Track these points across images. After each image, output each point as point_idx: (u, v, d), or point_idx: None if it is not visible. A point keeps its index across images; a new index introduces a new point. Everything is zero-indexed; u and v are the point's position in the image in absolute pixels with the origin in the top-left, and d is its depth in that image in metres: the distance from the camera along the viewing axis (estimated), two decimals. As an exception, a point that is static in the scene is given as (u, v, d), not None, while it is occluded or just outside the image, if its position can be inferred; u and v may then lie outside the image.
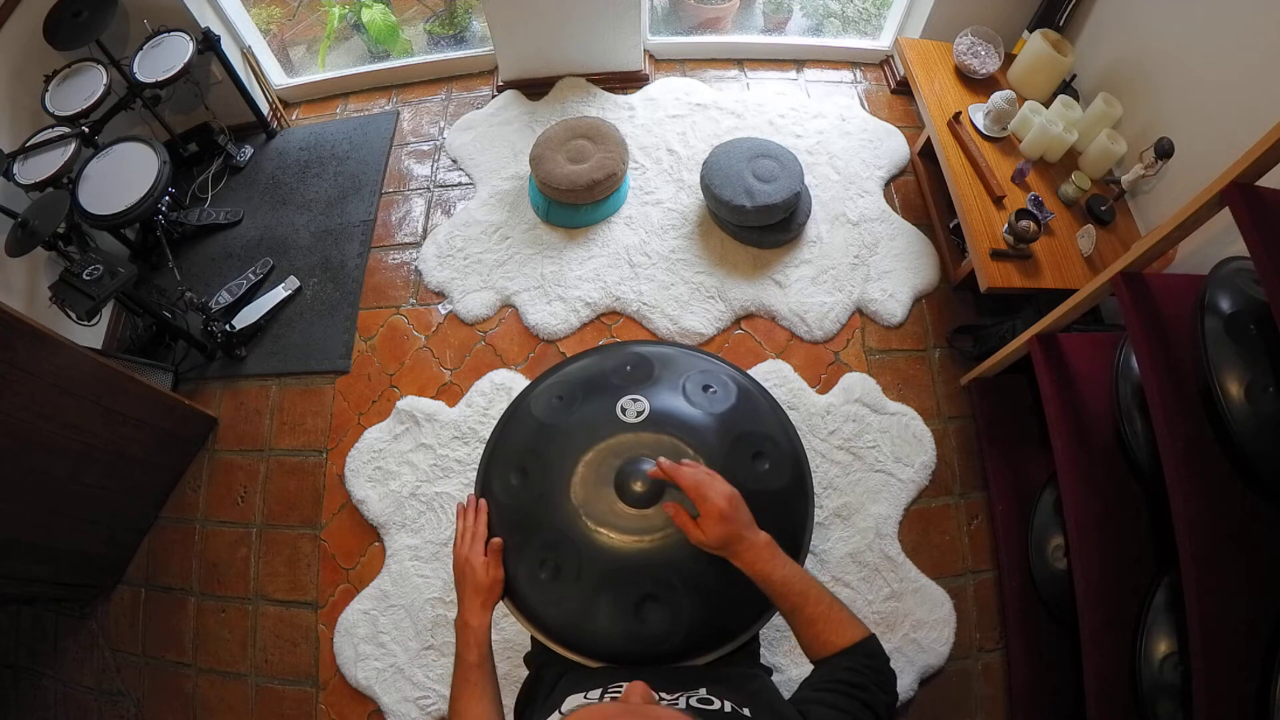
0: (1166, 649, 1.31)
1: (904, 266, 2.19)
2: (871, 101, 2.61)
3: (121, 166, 1.95)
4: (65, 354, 1.59)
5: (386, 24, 2.81)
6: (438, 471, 1.92)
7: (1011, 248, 1.81)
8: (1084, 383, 1.59)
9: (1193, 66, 1.76)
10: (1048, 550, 1.66)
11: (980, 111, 2.07)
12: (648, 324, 2.12)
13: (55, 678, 1.85)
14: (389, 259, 2.34)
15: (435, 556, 1.82)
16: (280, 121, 2.69)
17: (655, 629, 0.86)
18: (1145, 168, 1.79)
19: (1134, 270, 1.36)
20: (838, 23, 2.94)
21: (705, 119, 2.51)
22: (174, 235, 2.36)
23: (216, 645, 1.83)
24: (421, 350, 2.16)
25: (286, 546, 1.92)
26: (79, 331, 1.93)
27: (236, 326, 2.14)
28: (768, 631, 1.65)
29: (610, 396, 0.98)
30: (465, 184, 2.47)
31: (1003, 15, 2.28)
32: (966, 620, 1.75)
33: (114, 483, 1.83)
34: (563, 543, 0.89)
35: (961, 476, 1.92)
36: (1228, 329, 1.18)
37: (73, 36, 1.97)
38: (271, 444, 2.06)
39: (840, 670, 0.76)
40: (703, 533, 0.83)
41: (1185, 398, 1.24)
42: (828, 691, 0.73)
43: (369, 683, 1.71)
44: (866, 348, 2.09)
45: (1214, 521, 1.18)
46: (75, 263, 1.80)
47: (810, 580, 0.83)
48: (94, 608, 1.90)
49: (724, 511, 0.82)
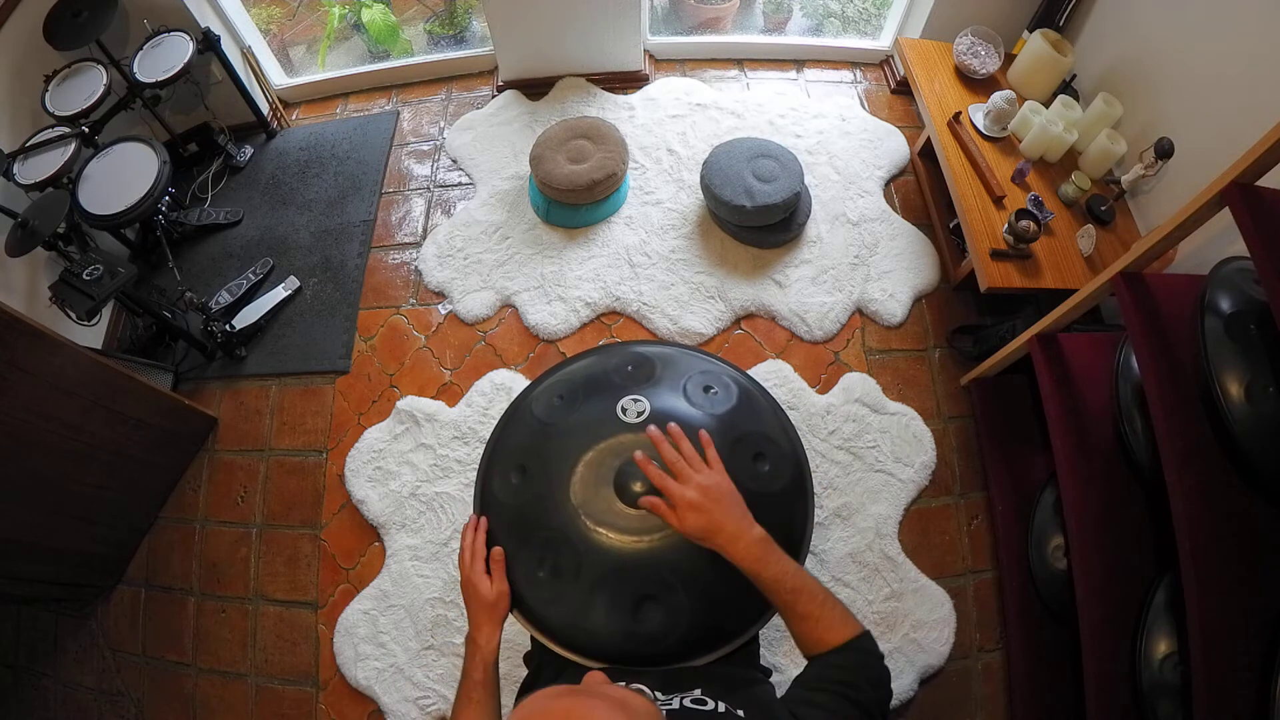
0: (1166, 649, 1.31)
1: (904, 266, 2.19)
2: (871, 101, 2.61)
3: (121, 166, 1.95)
4: (65, 354, 1.59)
5: (386, 24, 2.81)
6: (438, 471, 1.92)
7: (1011, 248, 1.81)
8: (1084, 383, 1.59)
9: (1193, 66, 1.76)
10: (1048, 550, 1.66)
11: (980, 111, 2.07)
12: (648, 324, 2.12)
13: (55, 678, 1.85)
14: (389, 259, 2.34)
15: (435, 556, 1.82)
16: (280, 121, 2.69)
17: (653, 629, 0.86)
18: (1145, 168, 1.79)
19: (1134, 270, 1.36)
20: (838, 23, 2.94)
21: (705, 119, 2.51)
22: (174, 235, 2.36)
23: (216, 645, 1.83)
24: (421, 350, 2.16)
25: (286, 546, 1.92)
26: (79, 331, 1.93)
27: (236, 326, 2.14)
28: (767, 632, 1.65)
29: (611, 396, 0.98)
30: (465, 184, 2.47)
31: (1003, 15, 2.28)
32: (966, 620, 1.75)
33: (114, 483, 1.83)
34: (562, 542, 0.89)
35: (961, 476, 1.92)
36: (1228, 329, 1.18)
37: (73, 36, 1.97)
38: (271, 444, 2.06)
39: (831, 669, 0.76)
40: (679, 522, 0.83)
41: (1185, 398, 1.24)
42: (818, 691, 0.73)
43: (369, 683, 1.71)
44: (866, 348, 2.09)
45: (1214, 521, 1.18)
46: (75, 263, 1.80)
47: (805, 576, 0.83)
48: (94, 608, 1.90)
49: (693, 501, 0.82)
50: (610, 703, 0.56)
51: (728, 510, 0.83)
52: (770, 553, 0.83)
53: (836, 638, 0.79)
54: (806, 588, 0.82)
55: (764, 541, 0.83)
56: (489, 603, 0.91)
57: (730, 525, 0.82)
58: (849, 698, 0.71)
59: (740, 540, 0.82)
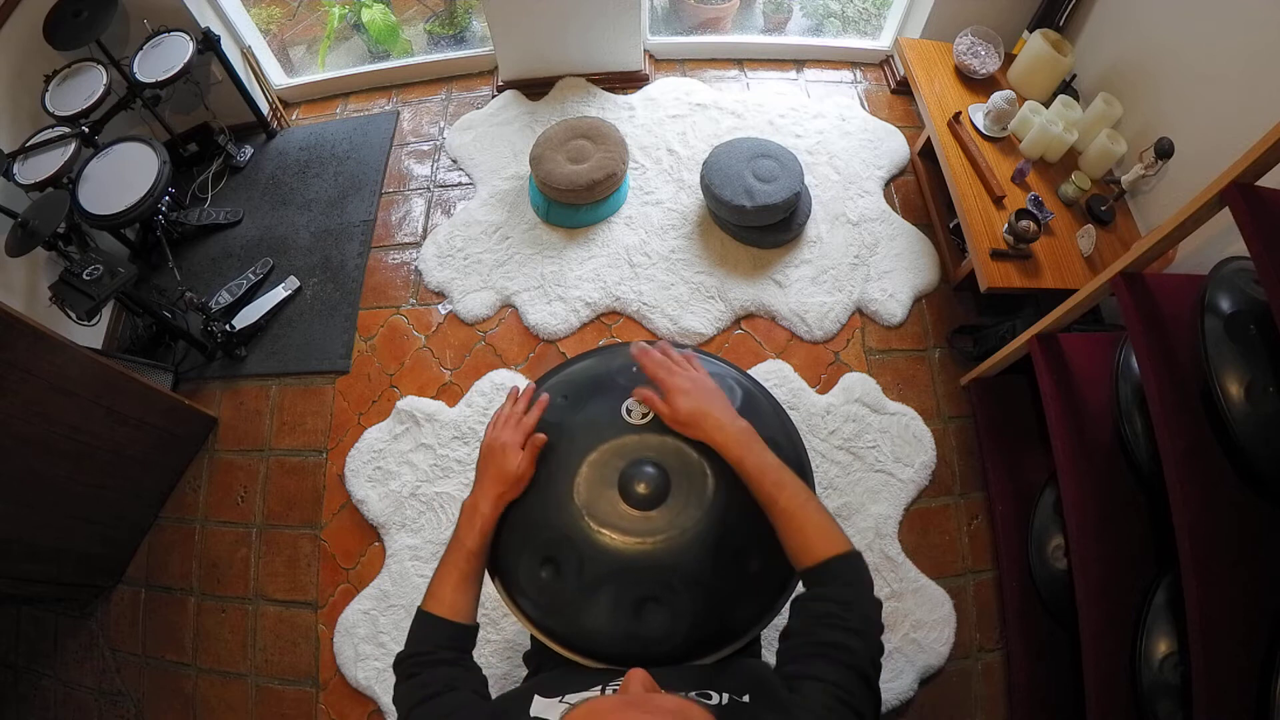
0: (1166, 649, 1.31)
1: (904, 266, 2.19)
2: (871, 101, 2.61)
3: (121, 166, 1.95)
4: (65, 354, 1.59)
5: (386, 24, 2.81)
6: (438, 471, 1.92)
7: (1011, 248, 1.81)
8: (1084, 383, 1.60)
9: (1193, 66, 1.76)
10: (1048, 550, 1.66)
11: (980, 111, 2.07)
12: (648, 324, 2.12)
13: (55, 678, 1.85)
14: (389, 259, 2.34)
15: (435, 556, 1.82)
16: (280, 121, 2.69)
17: (655, 630, 0.86)
18: (1145, 168, 1.79)
19: (1134, 270, 1.36)
20: (838, 23, 2.94)
21: (705, 119, 2.51)
22: (174, 235, 2.36)
23: (216, 645, 1.83)
24: (421, 350, 2.16)
25: (286, 546, 1.92)
26: (79, 331, 1.93)
27: (236, 326, 2.14)
28: (768, 632, 1.64)
29: (615, 397, 0.98)
30: (465, 184, 2.47)
31: (1003, 15, 2.28)
32: (966, 620, 1.75)
33: (114, 483, 1.83)
34: (565, 543, 0.89)
35: (961, 476, 1.92)
36: (1228, 329, 1.19)
37: (73, 36, 1.97)
38: (271, 444, 2.05)
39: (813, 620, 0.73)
40: (669, 408, 0.87)
41: (1185, 398, 1.24)
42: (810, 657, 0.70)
43: (369, 683, 1.71)
44: (866, 348, 2.09)
45: (1214, 521, 1.18)
46: (75, 263, 1.80)
47: (788, 473, 0.84)
48: (94, 608, 1.90)
49: (683, 387, 0.88)
50: (668, 715, 0.55)
51: (713, 399, 0.89)
52: (755, 442, 0.85)
53: (824, 548, 0.78)
54: (790, 484, 0.82)
55: (748, 431, 0.86)
56: (510, 475, 0.90)
57: (716, 411, 0.87)
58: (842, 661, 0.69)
59: (727, 428, 0.85)
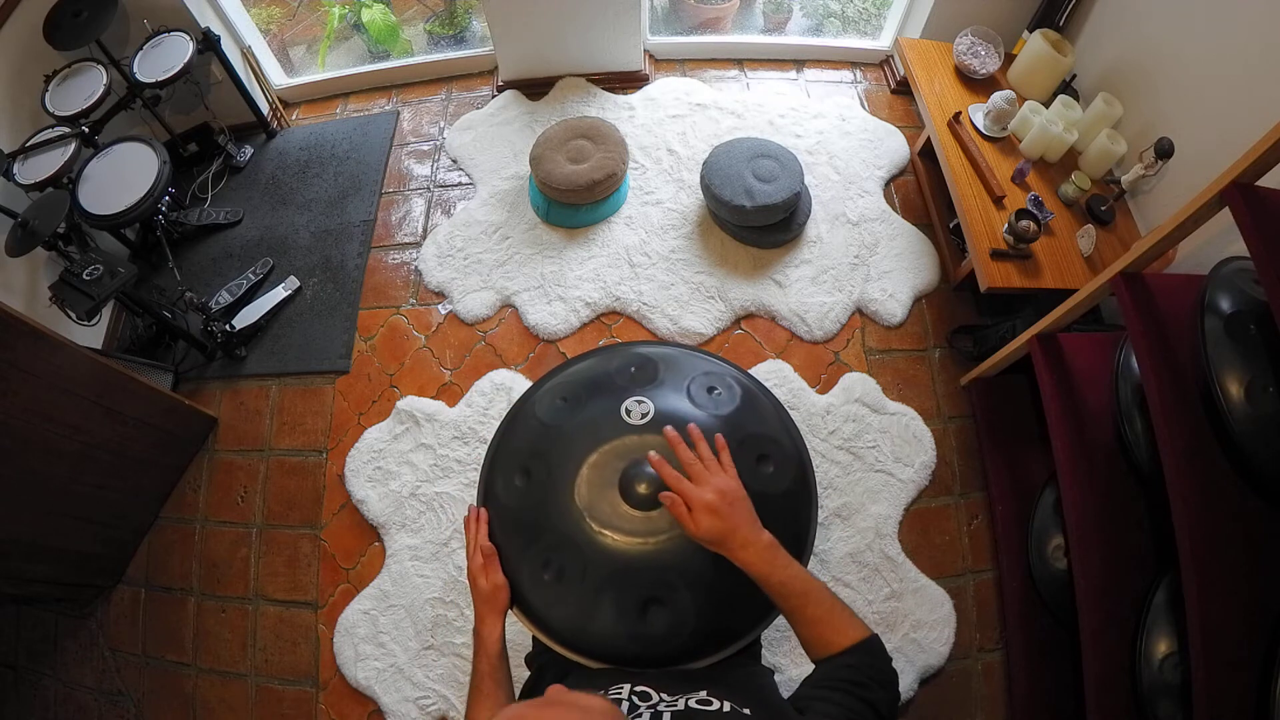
0: (1166, 649, 1.31)
1: (904, 266, 2.19)
2: (871, 101, 2.61)
3: (121, 166, 1.95)
4: (65, 354, 1.59)
5: (386, 24, 2.81)
6: (438, 471, 1.92)
7: (1011, 248, 1.81)
8: (1084, 383, 1.59)
9: (1193, 66, 1.76)
10: (1048, 550, 1.66)
11: (980, 111, 2.07)
12: (648, 324, 2.12)
13: (55, 678, 1.85)
14: (389, 259, 2.34)
15: (435, 556, 1.82)
16: (280, 121, 2.69)
17: (658, 631, 0.86)
18: (1145, 168, 1.79)
19: (1134, 270, 1.36)
20: (838, 23, 2.94)
21: (705, 119, 2.51)
22: (174, 235, 2.36)
23: (216, 645, 1.83)
24: (421, 350, 2.16)
25: (286, 546, 1.92)
26: (79, 331, 1.93)
27: (236, 326, 2.14)
28: (769, 632, 1.65)
29: (614, 398, 0.98)
30: (465, 184, 2.47)
31: (1003, 15, 2.28)
32: (966, 620, 1.75)
33: (114, 483, 1.83)
34: (566, 545, 0.89)
35: (961, 476, 1.92)
36: (1228, 329, 1.19)
37: (73, 36, 1.97)
38: (271, 444, 2.05)
39: (841, 669, 0.76)
40: (694, 525, 0.83)
41: (1185, 398, 1.24)
42: (828, 689, 0.73)
43: (369, 683, 1.71)
44: (866, 348, 2.09)
45: (1214, 521, 1.18)
46: (75, 263, 1.80)
47: (812, 581, 0.83)
48: (94, 608, 1.90)
49: (711, 504, 0.82)
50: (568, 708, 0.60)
51: (742, 515, 0.83)
52: (779, 557, 0.83)
53: (846, 640, 0.79)
54: (814, 591, 0.82)
55: (773, 546, 0.83)
56: (488, 594, 0.93)
57: (743, 530, 0.82)
58: (860, 696, 0.71)
59: (751, 546, 0.82)
